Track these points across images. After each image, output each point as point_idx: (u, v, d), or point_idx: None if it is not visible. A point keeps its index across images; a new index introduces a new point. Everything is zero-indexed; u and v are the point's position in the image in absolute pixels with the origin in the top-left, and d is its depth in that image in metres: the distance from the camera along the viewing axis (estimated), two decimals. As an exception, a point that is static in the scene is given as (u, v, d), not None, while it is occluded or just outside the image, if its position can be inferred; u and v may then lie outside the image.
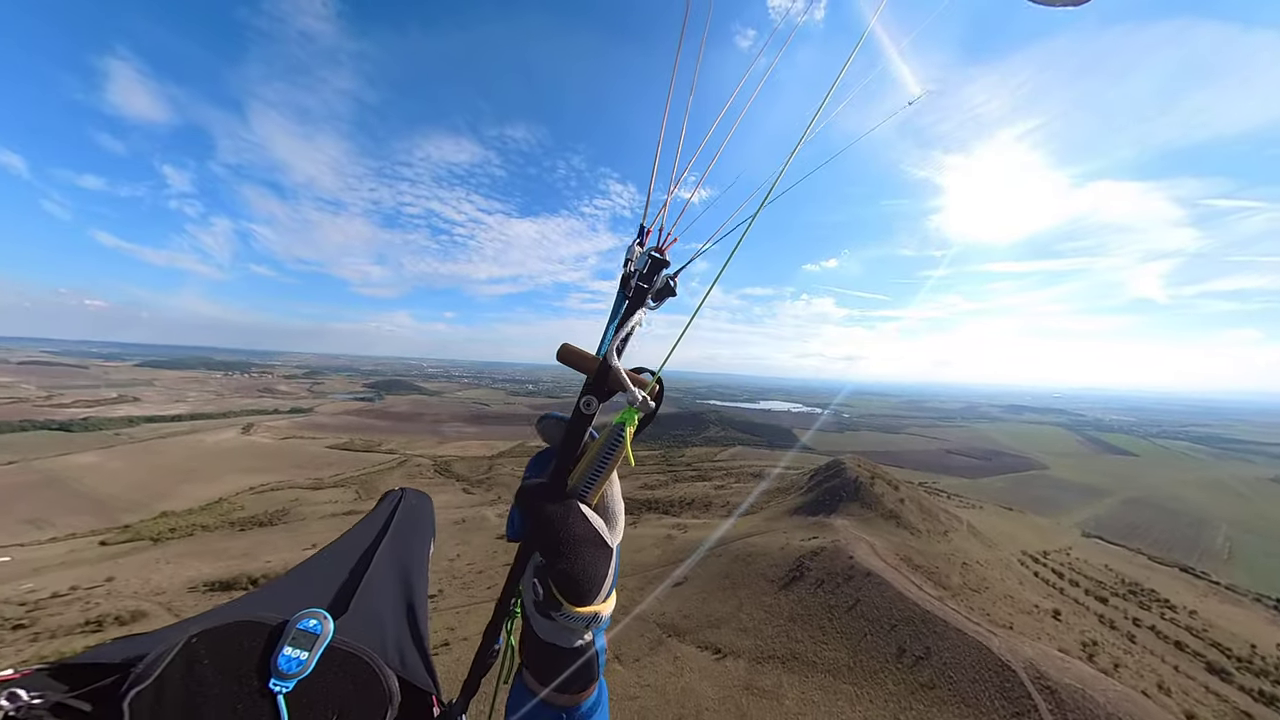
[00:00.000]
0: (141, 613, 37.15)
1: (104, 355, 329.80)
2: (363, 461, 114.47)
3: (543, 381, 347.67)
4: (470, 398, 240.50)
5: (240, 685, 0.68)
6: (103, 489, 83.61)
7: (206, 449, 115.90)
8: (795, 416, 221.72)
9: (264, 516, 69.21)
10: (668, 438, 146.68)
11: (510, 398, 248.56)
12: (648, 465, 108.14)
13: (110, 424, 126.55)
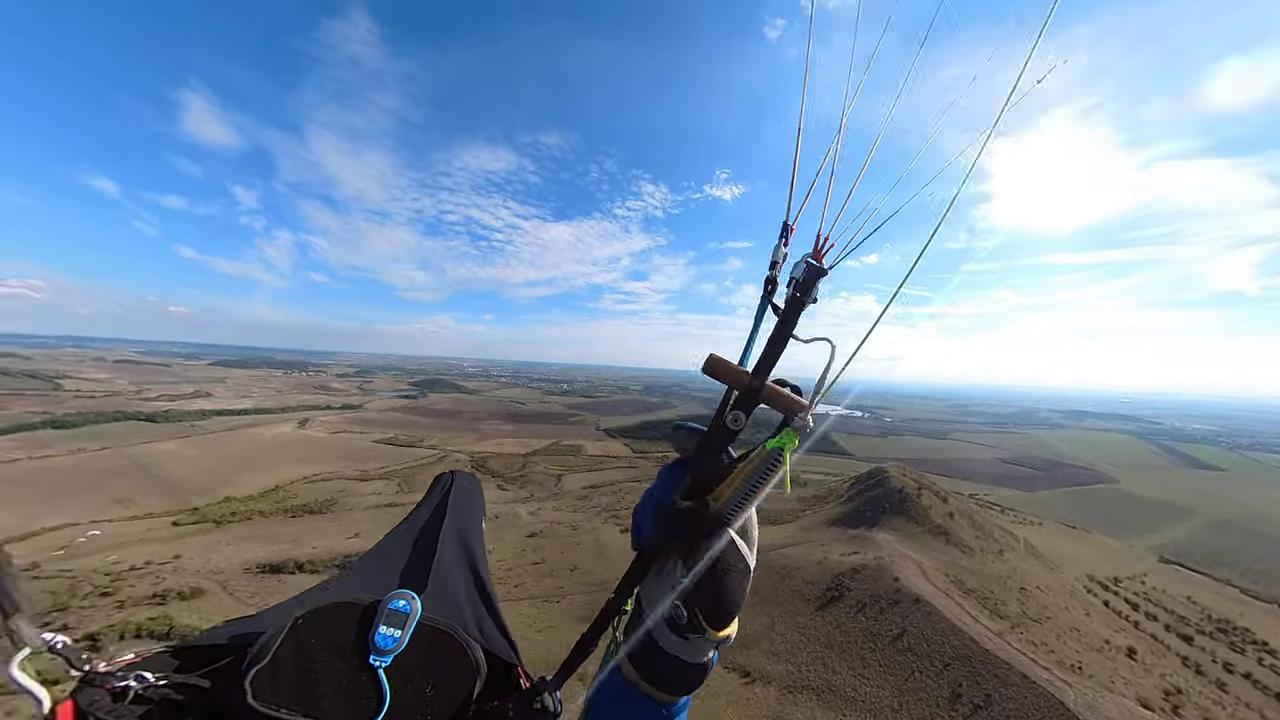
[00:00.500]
0: (200, 590, 39.86)
1: (184, 355, 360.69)
2: (405, 456, 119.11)
3: (577, 382, 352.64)
4: (507, 396, 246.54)
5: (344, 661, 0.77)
6: (178, 474, 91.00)
7: (266, 440, 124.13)
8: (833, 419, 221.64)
9: (314, 505, 73.23)
10: None
11: (545, 397, 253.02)
12: None
13: (187, 416, 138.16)
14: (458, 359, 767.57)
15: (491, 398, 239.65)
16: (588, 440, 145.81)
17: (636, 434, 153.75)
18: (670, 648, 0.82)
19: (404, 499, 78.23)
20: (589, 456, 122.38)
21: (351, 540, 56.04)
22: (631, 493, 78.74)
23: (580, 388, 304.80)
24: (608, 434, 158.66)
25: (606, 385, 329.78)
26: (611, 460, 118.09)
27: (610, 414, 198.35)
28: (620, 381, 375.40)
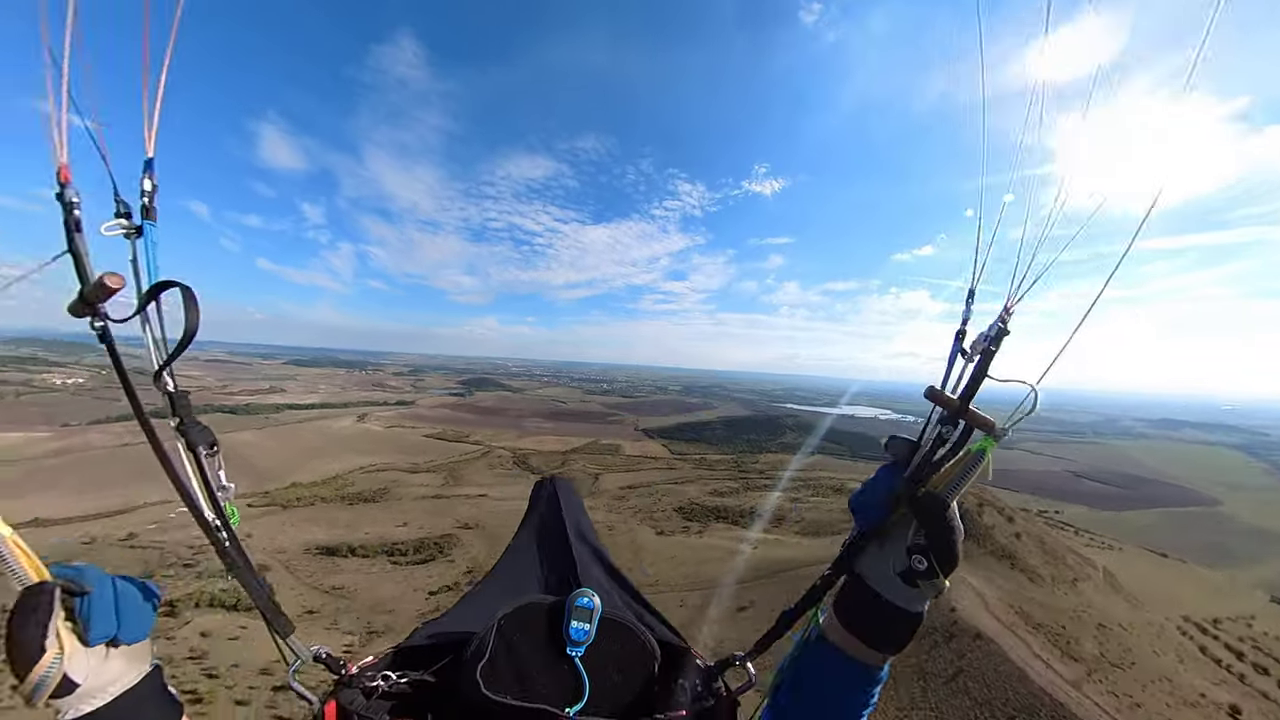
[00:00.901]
0: (266, 567, 43.08)
1: (262, 355, 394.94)
2: (452, 450, 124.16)
3: (616, 381, 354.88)
4: (549, 395, 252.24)
5: (545, 654, 0.90)
6: (255, 461, 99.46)
7: (330, 433, 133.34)
8: (884, 424, 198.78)
9: (368, 493, 77.81)
10: (740, 443, 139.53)
11: (586, 396, 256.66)
12: (718, 470, 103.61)
13: (264, 409, 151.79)
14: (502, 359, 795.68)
15: (534, 396, 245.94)
16: (626, 440, 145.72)
17: (675, 435, 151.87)
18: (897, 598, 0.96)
19: (449, 491, 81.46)
20: (627, 456, 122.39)
21: (400, 529, 58.95)
22: (669, 494, 77.09)
23: (619, 387, 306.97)
24: (646, 434, 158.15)
25: (645, 385, 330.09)
26: (649, 461, 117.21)
27: (649, 414, 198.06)
28: (659, 381, 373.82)
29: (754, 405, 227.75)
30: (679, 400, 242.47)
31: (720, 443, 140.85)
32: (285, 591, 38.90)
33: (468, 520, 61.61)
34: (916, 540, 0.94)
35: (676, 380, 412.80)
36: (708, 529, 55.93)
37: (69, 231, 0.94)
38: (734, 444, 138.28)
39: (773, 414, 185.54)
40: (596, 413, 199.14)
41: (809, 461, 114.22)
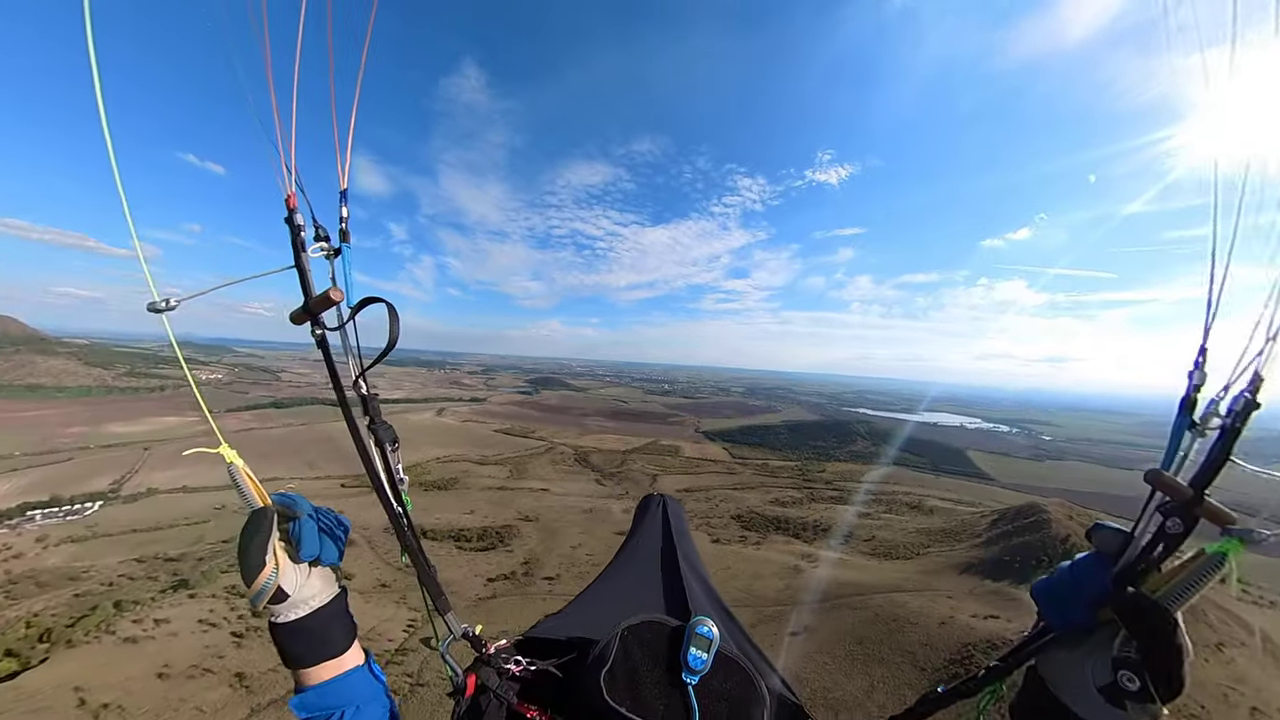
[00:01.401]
0: (352, 541, 47.44)
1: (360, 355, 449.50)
2: (518, 445, 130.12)
3: (678, 382, 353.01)
4: (611, 395, 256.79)
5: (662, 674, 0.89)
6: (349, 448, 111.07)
7: (412, 425, 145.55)
8: (971, 434, 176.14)
9: (441, 481, 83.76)
10: (806, 449, 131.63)
11: (647, 396, 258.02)
12: (781, 478, 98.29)
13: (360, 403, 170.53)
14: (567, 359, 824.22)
15: (596, 395, 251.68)
16: (686, 441, 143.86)
17: (737, 438, 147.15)
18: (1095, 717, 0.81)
19: (513, 484, 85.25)
20: (686, 458, 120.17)
21: (467, 516, 62.58)
22: (727, 500, 74.60)
23: (681, 388, 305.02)
24: (707, 436, 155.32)
25: (707, 386, 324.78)
26: (709, 464, 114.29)
27: (710, 415, 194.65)
28: (721, 382, 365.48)
29: (822, 409, 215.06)
30: (741, 402, 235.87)
31: (784, 448, 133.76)
32: (364, 565, 42.57)
33: (528, 513, 63.91)
34: (1125, 652, 0.78)
35: (739, 381, 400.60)
36: (766, 540, 52.93)
37: (295, 250, 1.11)
38: (799, 450, 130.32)
39: (842, 419, 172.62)
40: (657, 413, 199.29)
41: (883, 473, 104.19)
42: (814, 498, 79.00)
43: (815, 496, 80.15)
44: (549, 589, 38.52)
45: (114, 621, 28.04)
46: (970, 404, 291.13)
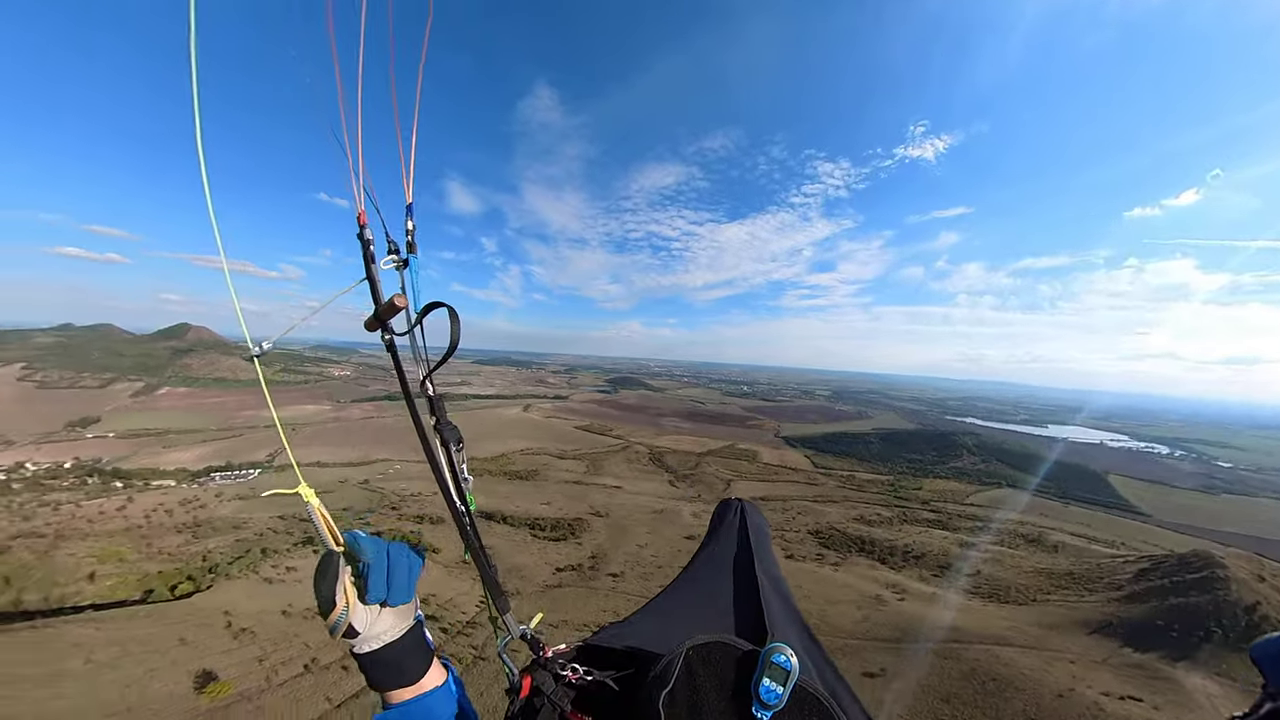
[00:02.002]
0: (442, 519, 52.22)
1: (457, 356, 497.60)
2: (596, 442, 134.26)
3: (758, 384, 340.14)
4: (688, 396, 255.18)
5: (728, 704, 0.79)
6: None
7: (501, 419, 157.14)
8: (1115, 455, 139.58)
9: (523, 472, 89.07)
10: (900, 462, 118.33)
11: (725, 398, 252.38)
12: (868, 493, 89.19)
13: (455, 398, 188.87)
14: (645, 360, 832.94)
15: (674, 396, 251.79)
16: (764, 447, 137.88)
17: (820, 445, 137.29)
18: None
19: (588, 479, 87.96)
20: (763, 464, 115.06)
21: (543, 506, 65.82)
22: (806, 513, 69.42)
23: (761, 390, 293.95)
24: (787, 442, 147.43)
25: (789, 388, 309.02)
26: (788, 472, 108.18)
27: (792, 420, 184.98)
28: (805, 385, 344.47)
29: (921, 417, 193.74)
30: (827, 407, 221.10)
31: (874, 460, 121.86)
32: (447, 543, 46.52)
33: (600, 508, 65.47)
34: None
35: (825, 384, 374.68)
36: (846, 562, 48.27)
37: (366, 263, 1.21)
38: (892, 463, 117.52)
39: (946, 429, 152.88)
40: (735, 415, 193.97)
41: (996, 497, 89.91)
42: (906, 518, 70.31)
43: (908, 517, 71.06)
44: (612, 585, 38.96)
45: (259, 564, 33.46)
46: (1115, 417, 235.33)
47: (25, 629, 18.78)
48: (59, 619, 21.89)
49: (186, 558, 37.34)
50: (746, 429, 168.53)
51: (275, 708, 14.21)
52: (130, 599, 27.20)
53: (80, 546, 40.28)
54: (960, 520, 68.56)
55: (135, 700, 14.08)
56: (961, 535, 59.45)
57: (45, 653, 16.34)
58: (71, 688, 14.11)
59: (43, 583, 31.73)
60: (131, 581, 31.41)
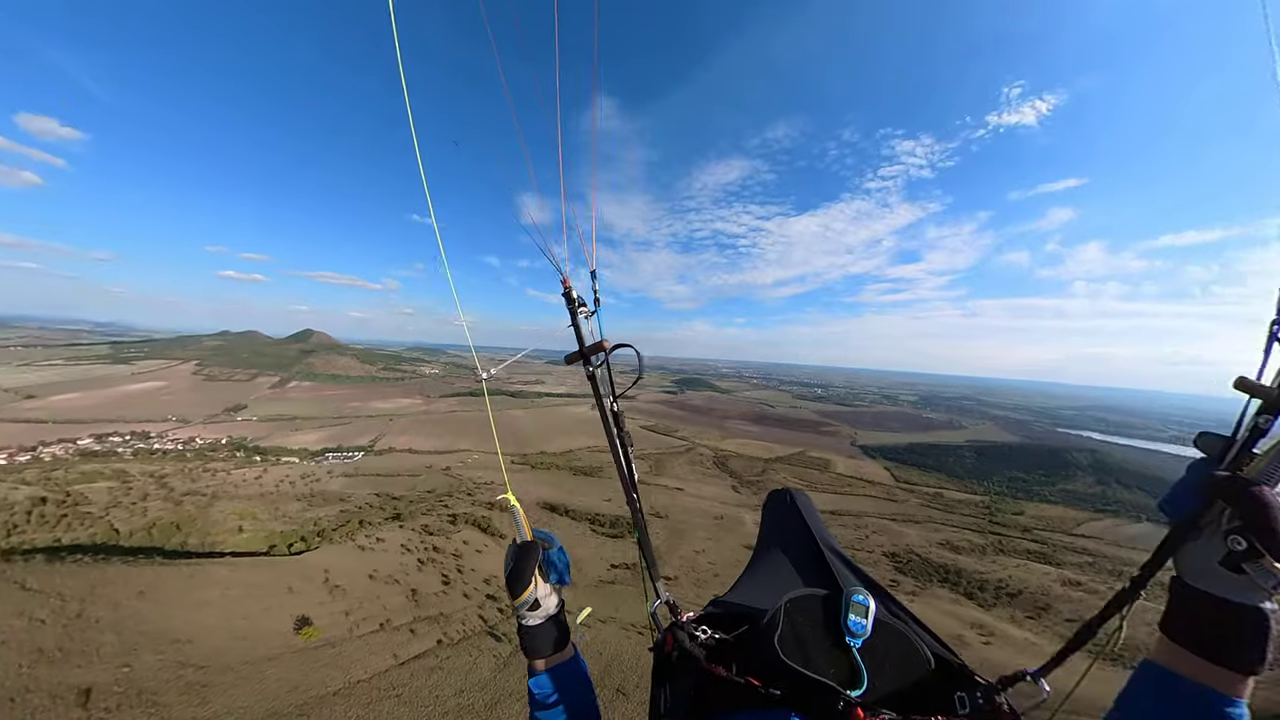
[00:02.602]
0: (509, 507, 56.03)
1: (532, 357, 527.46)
2: (660, 443, 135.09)
3: (833, 386, 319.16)
4: (756, 398, 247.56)
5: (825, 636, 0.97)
6: (521, 431, 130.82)
7: (571, 416, 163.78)
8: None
9: (588, 468, 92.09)
10: (999, 480, 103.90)
11: (796, 401, 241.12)
12: (958, 514, 77.75)
13: (530, 395, 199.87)
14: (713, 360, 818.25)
15: (741, 398, 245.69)
16: (839, 455, 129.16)
17: (903, 457, 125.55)
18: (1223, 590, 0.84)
19: (650, 479, 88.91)
20: (837, 475, 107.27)
21: (605, 503, 67.63)
22: (882, 532, 62.69)
23: (837, 393, 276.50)
24: (865, 451, 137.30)
25: (869, 392, 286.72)
26: (864, 485, 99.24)
27: (871, 428, 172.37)
28: (887, 389, 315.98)
29: (1026, 429, 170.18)
30: (913, 414, 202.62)
31: (967, 476, 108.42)
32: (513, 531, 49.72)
33: (659, 509, 65.76)
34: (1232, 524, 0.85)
35: (910, 388, 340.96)
36: (924, 592, 43.10)
37: (572, 315, 1.61)
38: (988, 480, 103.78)
39: (1057, 444, 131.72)
40: (807, 420, 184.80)
41: (1115, 528, 75.22)
42: (1002, 548, 60.91)
43: (1004, 546, 61.47)
44: (665, 587, 39.24)
45: (356, 533, 38.24)
46: None
47: (185, 565, 23.31)
48: (208, 560, 26.82)
49: (301, 522, 43.92)
50: (819, 435, 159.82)
51: (352, 655, 16.50)
52: (258, 551, 32.70)
53: (228, 506, 48.90)
54: (1068, 554, 58.64)
55: (251, 630, 17.17)
56: (1068, 572, 49.91)
57: (194, 584, 20.31)
58: (208, 612, 17.50)
59: (201, 531, 39.27)
60: (260, 537, 37.86)
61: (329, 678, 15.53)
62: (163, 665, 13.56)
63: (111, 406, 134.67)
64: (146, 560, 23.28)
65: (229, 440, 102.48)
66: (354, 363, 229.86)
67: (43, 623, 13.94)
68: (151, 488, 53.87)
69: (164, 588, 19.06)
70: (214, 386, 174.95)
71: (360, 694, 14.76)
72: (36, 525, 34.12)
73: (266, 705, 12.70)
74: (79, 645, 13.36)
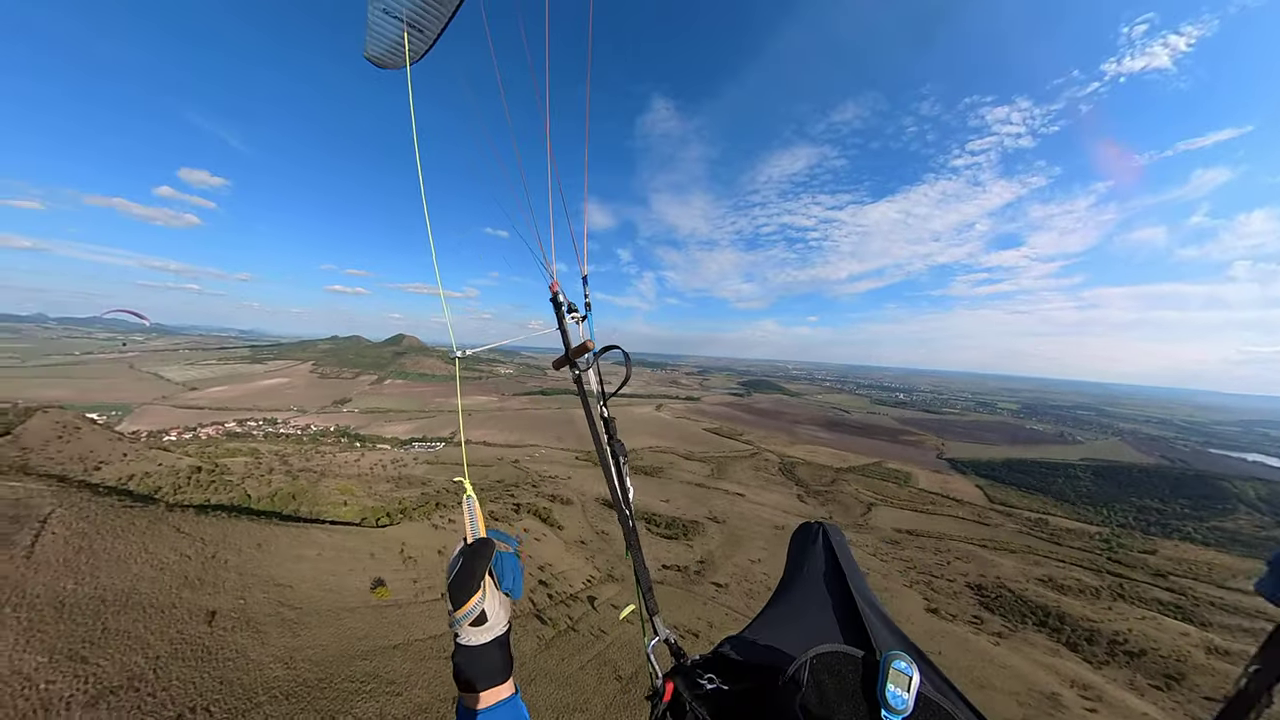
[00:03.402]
0: (570, 501, 57.98)
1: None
2: (724, 446, 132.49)
3: (918, 391, 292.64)
4: (830, 402, 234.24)
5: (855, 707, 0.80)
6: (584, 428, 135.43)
7: (634, 416, 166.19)
8: None
9: (648, 468, 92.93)
10: (1125, 508, 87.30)
11: (874, 406, 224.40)
12: (1067, 546, 66.38)
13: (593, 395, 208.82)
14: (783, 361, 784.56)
15: (813, 402, 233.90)
16: (921, 468, 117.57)
17: (1000, 474, 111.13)
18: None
19: (711, 483, 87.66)
20: (917, 490, 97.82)
21: (663, 503, 68.07)
22: (966, 558, 55.80)
23: (922, 399, 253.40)
24: (953, 465, 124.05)
25: (960, 398, 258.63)
26: (949, 503, 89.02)
27: (961, 438, 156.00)
28: (984, 394, 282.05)
29: (1165, 447, 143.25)
30: (1014, 424, 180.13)
31: (1082, 502, 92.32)
32: (575, 522, 51.58)
33: (718, 514, 64.64)
34: None
35: (1012, 393, 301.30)
36: (1015, 635, 37.18)
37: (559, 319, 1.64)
38: (1110, 508, 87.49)
39: (1210, 470, 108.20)
40: (886, 428, 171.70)
41: None
42: (1123, 593, 49.53)
43: (1126, 591, 49.85)
44: (714, 595, 38.07)
45: (432, 513, 42.06)
46: None
47: (294, 528, 27.38)
48: (313, 525, 31.14)
49: (389, 500, 49.30)
50: (899, 445, 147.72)
51: (414, 616, 18.66)
52: (352, 521, 37.26)
53: (333, 482, 56.10)
54: (1216, 611, 46.19)
55: (336, 585, 19.95)
56: (1214, 636, 39.33)
57: (299, 543, 23.82)
58: (306, 566, 20.55)
59: (310, 501, 45.61)
60: (356, 510, 43.19)
61: (392, 632, 17.70)
62: (268, 602, 16.54)
63: (249, 398, 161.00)
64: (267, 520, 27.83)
65: (336, 428, 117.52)
66: (438, 363, 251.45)
67: (188, 558, 17.57)
68: (276, 464, 63.33)
69: (276, 543, 22.75)
70: (326, 383, 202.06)
71: (415, 650, 16.67)
72: (193, 487, 41.73)
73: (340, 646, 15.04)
74: (211, 578, 16.79)
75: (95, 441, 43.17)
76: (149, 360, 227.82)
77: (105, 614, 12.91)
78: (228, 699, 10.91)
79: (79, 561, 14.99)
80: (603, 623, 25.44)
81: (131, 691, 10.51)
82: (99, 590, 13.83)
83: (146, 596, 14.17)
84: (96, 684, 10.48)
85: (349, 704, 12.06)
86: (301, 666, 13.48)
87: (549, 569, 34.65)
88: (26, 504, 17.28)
